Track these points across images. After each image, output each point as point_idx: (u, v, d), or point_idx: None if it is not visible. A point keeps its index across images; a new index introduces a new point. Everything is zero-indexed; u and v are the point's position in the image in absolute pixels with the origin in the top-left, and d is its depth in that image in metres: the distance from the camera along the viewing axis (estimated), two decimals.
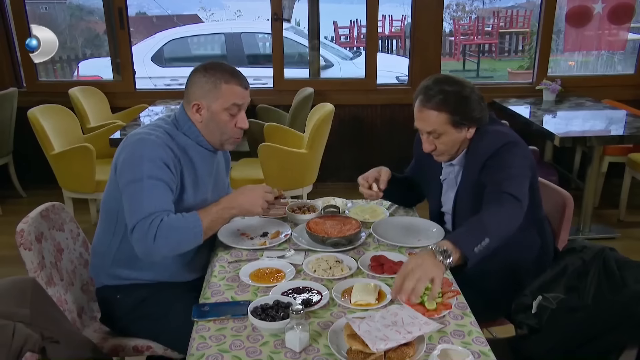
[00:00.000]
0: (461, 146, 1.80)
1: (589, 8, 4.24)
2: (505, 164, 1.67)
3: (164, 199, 1.62)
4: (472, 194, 1.76)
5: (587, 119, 3.81)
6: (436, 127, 1.73)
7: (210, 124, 1.71)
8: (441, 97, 1.70)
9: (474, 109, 1.73)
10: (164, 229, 1.56)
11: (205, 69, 1.70)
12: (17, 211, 3.97)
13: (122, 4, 4.18)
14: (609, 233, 3.54)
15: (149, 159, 1.61)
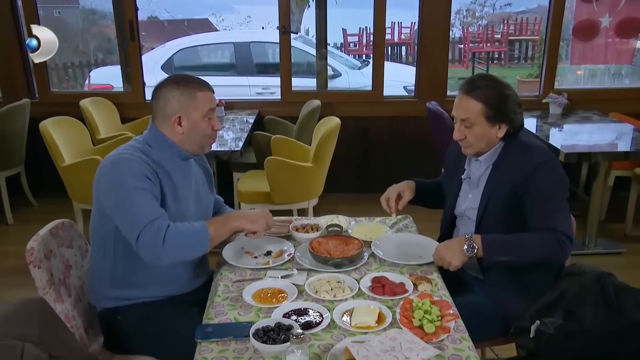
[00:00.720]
0: (489, 143, 1.84)
1: (596, 22, 4.24)
2: (551, 192, 1.74)
3: (156, 206, 1.68)
4: (502, 199, 1.81)
5: (594, 133, 3.81)
6: (470, 116, 1.79)
7: (192, 132, 1.78)
8: (483, 89, 1.78)
9: (510, 109, 1.79)
10: (172, 233, 1.62)
11: (175, 83, 1.77)
12: (28, 220, 4.08)
13: (132, 16, 4.24)
14: (615, 248, 3.53)
15: (129, 174, 1.67)
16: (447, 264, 1.73)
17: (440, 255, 1.74)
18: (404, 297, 1.61)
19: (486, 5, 14.83)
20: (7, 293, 2.98)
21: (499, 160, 1.85)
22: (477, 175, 1.91)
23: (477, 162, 1.90)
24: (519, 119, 1.82)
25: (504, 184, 1.80)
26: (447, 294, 1.67)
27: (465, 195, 1.97)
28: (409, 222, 2.21)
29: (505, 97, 1.78)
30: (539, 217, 1.72)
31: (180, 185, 1.81)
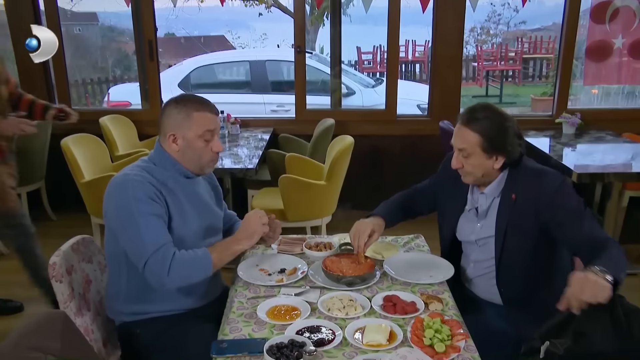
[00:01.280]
0: (486, 174, 1.86)
1: (609, 43, 4.27)
2: (580, 209, 1.78)
3: (162, 232, 1.73)
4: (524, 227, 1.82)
5: (607, 153, 3.81)
6: (467, 147, 1.82)
7: (187, 151, 1.81)
8: (481, 121, 1.80)
9: (508, 142, 1.81)
10: (177, 262, 1.68)
11: (176, 102, 1.82)
12: (47, 234, 4.14)
13: (152, 36, 4.36)
14: (629, 269, 3.49)
15: (134, 198, 1.71)
16: (599, 290, 1.47)
17: (589, 295, 1.46)
18: (415, 316, 1.64)
19: (500, 23, 14.90)
20: (28, 306, 3.04)
21: (506, 189, 1.86)
22: (485, 207, 1.92)
23: (483, 194, 1.91)
24: (517, 151, 1.83)
25: (523, 212, 1.81)
26: (457, 313, 1.70)
27: (471, 225, 1.97)
28: (420, 242, 2.25)
29: (503, 129, 1.79)
30: (590, 231, 1.73)
31: (185, 203, 1.85)
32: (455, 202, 2.02)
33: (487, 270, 1.94)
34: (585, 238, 1.73)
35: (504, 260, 1.88)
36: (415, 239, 2.27)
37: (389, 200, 2.16)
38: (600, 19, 4.23)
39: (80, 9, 10.73)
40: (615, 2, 4.19)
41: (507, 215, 1.85)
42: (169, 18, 10.42)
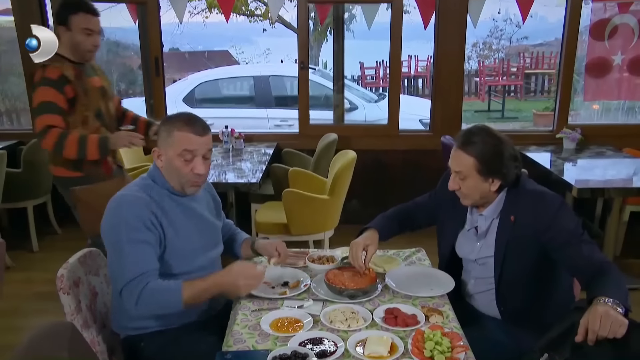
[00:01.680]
0: (484, 196, 1.88)
1: (608, 60, 4.33)
2: (578, 230, 1.79)
3: (147, 259, 1.74)
4: (523, 248, 1.85)
5: (608, 168, 3.84)
6: (463, 169, 1.84)
7: (169, 169, 1.84)
8: (477, 145, 1.82)
9: (504, 165, 1.83)
10: (146, 294, 1.70)
11: (168, 118, 1.88)
12: (52, 247, 4.21)
13: (158, 53, 4.43)
14: (630, 284, 3.45)
15: (125, 222, 1.74)
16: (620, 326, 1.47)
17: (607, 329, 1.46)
18: (416, 329, 1.66)
19: (503, 38, 15.03)
20: (32, 319, 3.08)
21: (505, 211, 1.89)
22: (484, 228, 1.95)
23: (482, 216, 1.94)
24: (513, 174, 1.85)
25: (522, 234, 1.84)
26: (458, 326, 1.72)
27: (470, 244, 2.00)
28: (421, 255, 2.27)
29: (499, 153, 1.81)
30: (590, 255, 1.75)
31: (182, 219, 1.87)
32: (454, 219, 2.04)
33: (487, 287, 1.97)
34: (584, 261, 1.75)
35: (503, 279, 1.91)
36: (416, 252, 2.30)
37: (386, 213, 2.20)
38: (599, 36, 4.29)
39: None
40: (614, 20, 4.26)
41: (506, 237, 1.87)
42: (174, 33, 10.58)
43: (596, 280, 1.65)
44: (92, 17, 2.55)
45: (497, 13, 13.79)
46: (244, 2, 10.77)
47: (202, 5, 10.94)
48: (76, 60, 2.63)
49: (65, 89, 2.54)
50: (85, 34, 2.55)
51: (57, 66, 2.56)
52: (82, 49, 2.59)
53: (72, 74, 2.60)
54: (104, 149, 2.57)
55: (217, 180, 3.53)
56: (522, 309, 1.90)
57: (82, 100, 2.62)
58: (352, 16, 11.32)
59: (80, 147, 2.53)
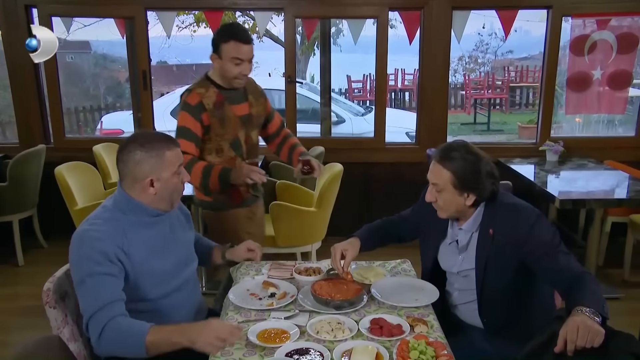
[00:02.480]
0: (459, 210, 1.92)
1: (588, 74, 4.44)
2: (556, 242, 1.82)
3: (110, 290, 1.68)
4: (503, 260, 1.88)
5: (590, 180, 3.92)
6: (439, 182, 1.89)
7: (164, 192, 1.81)
8: (455, 160, 1.86)
9: (479, 182, 1.87)
10: (110, 331, 1.63)
11: (141, 146, 1.76)
12: (38, 261, 4.19)
13: (146, 66, 4.46)
14: (612, 293, 3.58)
15: (86, 257, 1.69)
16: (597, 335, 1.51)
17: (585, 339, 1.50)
18: (401, 338, 1.69)
19: (488, 52, 15.28)
20: (18, 334, 3.05)
21: (484, 225, 1.93)
22: (464, 242, 1.98)
23: (461, 230, 1.98)
24: (489, 190, 1.89)
25: (501, 247, 1.88)
26: (442, 335, 1.75)
27: (452, 257, 2.03)
28: (407, 266, 2.31)
29: (476, 170, 1.85)
30: (567, 265, 1.78)
31: (154, 244, 1.84)
32: (436, 232, 2.08)
33: (470, 298, 2.00)
34: (562, 271, 1.78)
35: (485, 291, 1.94)
36: (402, 263, 2.33)
37: (372, 224, 2.24)
38: (579, 51, 4.40)
39: (74, 37, 10.89)
40: (593, 36, 4.37)
41: (486, 250, 1.91)
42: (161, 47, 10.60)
43: (573, 289, 1.69)
44: (243, 45, 2.42)
45: (482, 28, 14.04)
46: (232, 16, 10.84)
47: (190, 20, 11.00)
48: (225, 87, 2.53)
49: (202, 116, 2.47)
50: (234, 63, 2.43)
51: (199, 92, 2.50)
52: (229, 76, 2.47)
53: (213, 101, 2.50)
54: (224, 182, 2.47)
55: None
56: (504, 319, 1.94)
57: (216, 130, 2.52)
58: (339, 30, 11.47)
59: (204, 176, 2.47)
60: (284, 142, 2.81)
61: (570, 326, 1.52)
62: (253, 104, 2.64)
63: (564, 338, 1.52)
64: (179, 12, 9.71)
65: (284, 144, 2.80)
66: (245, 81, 2.55)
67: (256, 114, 2.66)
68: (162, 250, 1.86)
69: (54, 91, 4.50)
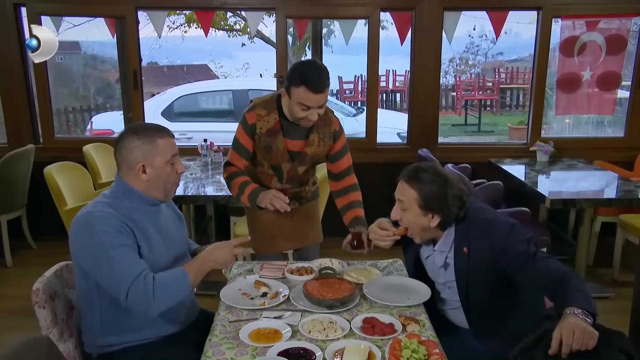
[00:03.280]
0: (424, 230, 1.93)
1: (578, 75, 4.47)
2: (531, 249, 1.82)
3: (137, 260, 1.74)
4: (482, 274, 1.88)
5: (580, 180, 3.95)
6: (405, 200, 1.91)
7: (156, 179, 1.85)
8: (423, 182, 1.88)
9: (445, 205, 1.87)
10: (158, 286, 1.71)
11: (135, 133, 1.83)
12: (27, 263, 4.15)
13: (136, 66, 4.43)
14: (603, 292, 3.61)
15: (102, 232, 1.72)
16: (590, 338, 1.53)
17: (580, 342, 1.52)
18: (393, 337, 1.69)
19: (478, 54, 15.36)
20: (5, 335, 3.01)
21: (458, 244, 1.92)
22: (442, 261, 1.98)
23: (435, 252, 1.99)
24: (454, 213, 1.89)
25: (478, 263, 1.88)
26: (434, 334, 1.75)
27: (436, 270, 2.03)
28: (398, 266, 2.31)
29: (443, 193, 1.86)
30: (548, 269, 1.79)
31: (153, 233, 1.86)
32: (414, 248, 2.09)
33: (457, 305, 2.01)
34: (544, 277, 1.79)
35: (470, 302, 1.95)
36: (393, 263, 2.33)
37: None
38: (569, 52, 4.43)
39: (64, 38, 10.83)
40: (582, 37, 4.40)
41: (464, 267, 1.92)
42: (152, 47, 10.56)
43: (559, 291, 1.70)
44: (313, 94, 2.20)
45: (472, 29, 14.11)
46: (223, 17, 10.81)
47: (181, 20, 10.94)
48: (289, 118, 2.37)
49: (254, 136, 2.41)
50: (301, 108, 2.25)
51: (260, 114, 2.38)
52: (294, 116, 2.31)
53: (268, 128, 2.38)
54: (252, 202, 2.41)
55: (195, 193, 3.53)
56: (492, 323, 1.94)
57: (260, 154, 2.47)
58: (331, 31, 11.47)
59: (240, 192, 2.44)
60: (344, 194, 2.58)
61: (566, 329, 1.52)
62: (313, 143, 2.43)
63: (559, 340, 1.53)
64: (170, 13, 9.67)
65: (343, 196, 2.58)
66: (312, 123, 2.33)
67: (312, 153, 2.46)
68: (160, 241, 1.88)
69: (43, 91, 4.46)
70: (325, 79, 2.24)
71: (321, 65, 2.29)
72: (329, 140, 2.47)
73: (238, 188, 2.45)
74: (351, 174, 2.61)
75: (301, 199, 2.61)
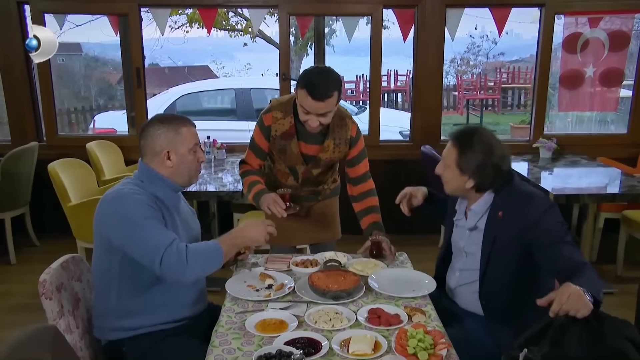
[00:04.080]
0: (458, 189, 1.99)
1: (581, 72, 4.47)
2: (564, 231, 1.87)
3: (167, 230, 1.81)
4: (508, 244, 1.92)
5: (584, 176, 3.94)
6: (447, 159, 2.00)
7: (180, 165, 1.91)
8: (465, 145, 1.94)
9: (482, 172, 1.92)
10: (191, 252, 1.75)
11: (160, 122, 1.91)
12: (30, 260, 4.15)
13: (139, 64, 4.44)
14: (606, 288, 3.59)
15: (134, 206, 1.79)
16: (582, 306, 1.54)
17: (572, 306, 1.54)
18: (399, 327, 1.69)
19: (480, 55, 15.38)
20: (10, 331, 3.01)
21: (494, 208, 1.97)
22: (472, 223, 2.02)
23: (471, 211, 2.03)
24: (488, 181, 1.94)
25: (509, 230, 1.91)
26: (440, 324, 1.75)
27: (461, 230, 2.08)
28: (404, 259, 2.31)
29: (482, 161, 1.91)
30: (570, 255, 1.81)
31: (174, 214, 1.94)
32: (452, 210, 2.17)
33: (472, 279, 2.01)
34: (564, 261, 1.80)
35: (488, 272, 1.97)
36: (399, 256, 2.33)
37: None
38: (572, 49, 4.44)
39: (65, 39, 10.85)
40: (585, 34, 4.40)
41: (494, 232, 1.95)
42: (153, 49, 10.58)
43: (572, 276, 1.70)
44: (312, 100, 2.17)
45: (474, 29, 14.12)
46: (225, 17, 10.84)
47: (183, 20, 10.97)
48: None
49: (269, 138, 2.42)
50: (302, 111, 2.24)
51: (276, 116, 2.38)
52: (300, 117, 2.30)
53: (283, 131, 2.38)
54: (256, 202, 2.43)
55: (199, 189, 3.53)
56: (503, 306, 1.94)
57: (276, 154, 2.49)
58: (333, 31, 11.48)
59: (248, 190, 2.46)
60: (361, 199, 2.57)
61: (563, 290, 1.55)
62: (328, 149, 2.42)
63: (551, 299, 1.56)
64: (172, 12, 9.68)
65: (360, 201, 2.57)
66: (316, 130, 2.31)
67: (326, 159, 2.45)
68: (181, 224, 1.95)
69: (46, 88, 4.47)
70: (326, 89, 2.18)
71: (330, 74, 2.24)
72: (345, 147, 2.46)
73: (247, 187, 2.48)
74: (368, 180, 2.60)
75: (319, 195, 2.64)
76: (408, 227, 3.58)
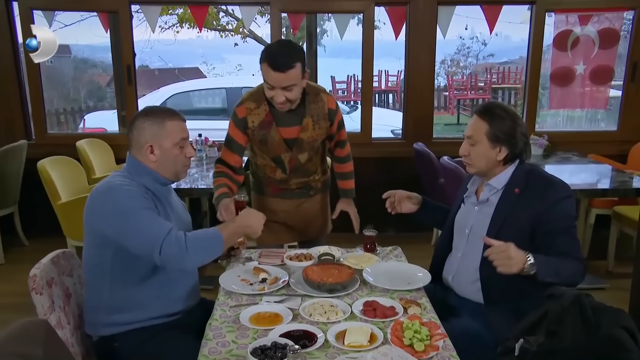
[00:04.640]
0: (489, 163, 1.97)
1: (571, 69, 4.50)
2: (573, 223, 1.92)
3: (163, 220, 1.79)
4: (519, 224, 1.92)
5: (574, 173, 3.96)
6: (474, 134, 1.96)
7: (164, 160, 1.88)
8: (494, 114, 1.94)
9: (513, 137, 1.93)
10: (191, 240, 1.73)
11: (145, 115, 1.88)
12: (19, 259, 4.10)
13: (130, 61, 4.41)
14: (598, 284, 3.62)
15: (128, 196, 1.77)
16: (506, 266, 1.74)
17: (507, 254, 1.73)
18: (395, 319, 1.68)
19: (470, 56, 15.44)
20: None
21: (511, 184, 1.97)
22: (486, 196, 2.02)
23: (488, 185, 2.02)
24: (520, 147, 1.95)
25: (523, 208, 1.92)
26: (435, 316, 1.75)
27: (468, 209, 2.09)
28: (398, 252, 2.31)
29: (512, 126, 1.93)
30: (568, 245, 1.86)
31: (166, 205, 1.92)
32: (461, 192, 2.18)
33: (473, 261, 1.98)
34: (562, 251, 1.83)
35: None
36: (393, 250, 2.33)
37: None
38: (562, 46, 4.47)
39: None
40: (575, 31, 4.44)
41: (507, 206, 1.95)
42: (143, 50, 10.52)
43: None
44: (273, 72, 2.13)
45: (464, 30, 14.17)
46: (216, 17, 10.80)
47: (173, 20, 10.91)
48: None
49: (246, 130, 2.38)
50: (266, 86, 2.20)
51: (249, 107, 2.34)
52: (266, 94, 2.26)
53: (260, 120, 2.34)
54: (216, 206, 2.36)
55: (191, 187, 3.50)
56: (502, 290, 1.92)
57: (257, 145, 2.43)
58: (324, 31, 11.48)
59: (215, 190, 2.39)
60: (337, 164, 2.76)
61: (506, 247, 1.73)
62: (308, 127, 2.38)
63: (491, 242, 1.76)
64: (162, 12, 9.63)
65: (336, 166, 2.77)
66: (287, 107, 2.26)
67: (308, 138, 2.40)
68: (172, 216, 1.92)
69: (35, 86, 4.42)
70: (287, 59, 2.13)
71: (291, 45, 2.23)
72: (325, 122, 2.42)
73: (214, 188, 2.42)
74: (343, 148, 2.71)
75: (310, 190, 2.61)
76: (401, 225, 3.59)
